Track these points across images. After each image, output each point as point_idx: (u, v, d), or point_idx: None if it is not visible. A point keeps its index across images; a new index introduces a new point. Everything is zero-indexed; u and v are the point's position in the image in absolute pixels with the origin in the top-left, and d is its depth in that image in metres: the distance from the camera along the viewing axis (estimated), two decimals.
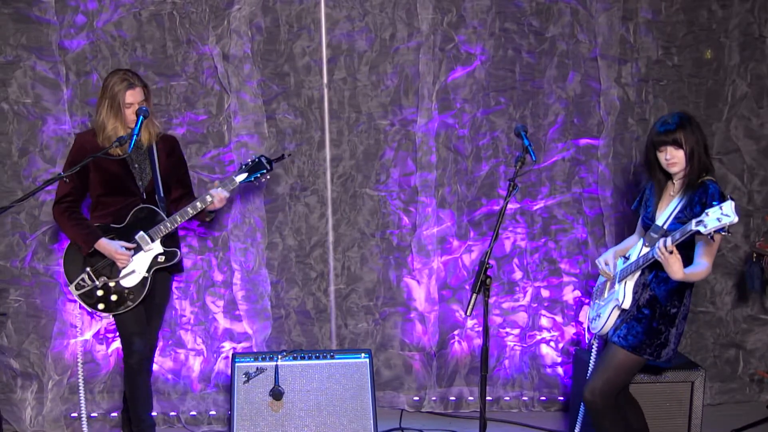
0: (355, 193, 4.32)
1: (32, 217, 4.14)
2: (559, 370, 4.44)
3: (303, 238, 4.32)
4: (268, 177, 3.73)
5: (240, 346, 4.30)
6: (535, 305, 4.42)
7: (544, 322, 4.44)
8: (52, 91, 4.08)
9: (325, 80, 4.21)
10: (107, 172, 3.53)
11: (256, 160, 3.70)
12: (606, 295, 3.39)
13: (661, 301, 3.19)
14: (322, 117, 4.23)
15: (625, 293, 3.21)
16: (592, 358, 3.76)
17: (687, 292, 3.23)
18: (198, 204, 3.60)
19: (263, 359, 3.86)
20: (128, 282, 3.57)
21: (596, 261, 3.49)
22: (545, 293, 4.42)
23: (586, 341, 3.76)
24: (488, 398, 4.40)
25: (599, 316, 3.37)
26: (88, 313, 4.20)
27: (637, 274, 3.22)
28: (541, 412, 4.42)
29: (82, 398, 3.88)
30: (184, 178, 3.83)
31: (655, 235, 3.16)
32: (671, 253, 2.96)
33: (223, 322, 4.31)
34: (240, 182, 3.67)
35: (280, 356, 3.87)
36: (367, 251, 4.35)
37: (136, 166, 3.59)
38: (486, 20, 4.21)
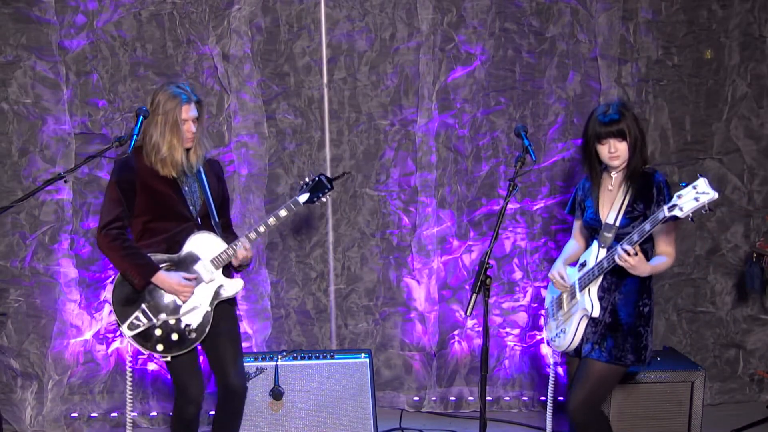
0: (355, 193, 4.32)
1: (32, 217, 4.13)
2: (559, 370, 4.43)
3: (303, 238, 4.32)
4: (329, 197, 3.38)
5: None
6: (535, 305, 4.42)
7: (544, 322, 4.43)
8: (52, 91, 4.08)
9: (325, 80, 4.21)
10: (157, 194, 3.17)
11: (317, 179, 3.33)
12: (566, 308, 3.23)
13: (632, 302, 3.08)
14: (322, 117, 4.23)
15: (591, 301, 3.07)
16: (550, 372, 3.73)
17: (651, 284, 3.13)
18: (261, 228, 3.28)
19: (263, 359, 3.86)
20: (191, 319, 3.19)
21: (549, 275, 3.29)
22: (545, 293, 4.42)
23: (551, 360, 3.60)
24: (488, 398, 4.40)
25: (564, 332, 3.20)
26: (90, 315, 4.21)
27: (599, 279, 3.08)
28: (541, 412, 4.40)
29: (128, 400, 3.69)
30: (226, 207, 3.50)
31: (609, 235, 3.06)
32: (636, 254, 2.87)
33: None
34: (304, 203, 3.34)
35: (280, 356, 3.87)
36: (367, 251, 4.36)
37: (187, 188, 3.24)
38: (486, 20, 4.21)
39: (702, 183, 2.69)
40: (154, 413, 4.26)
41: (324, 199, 3.35)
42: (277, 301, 4.34)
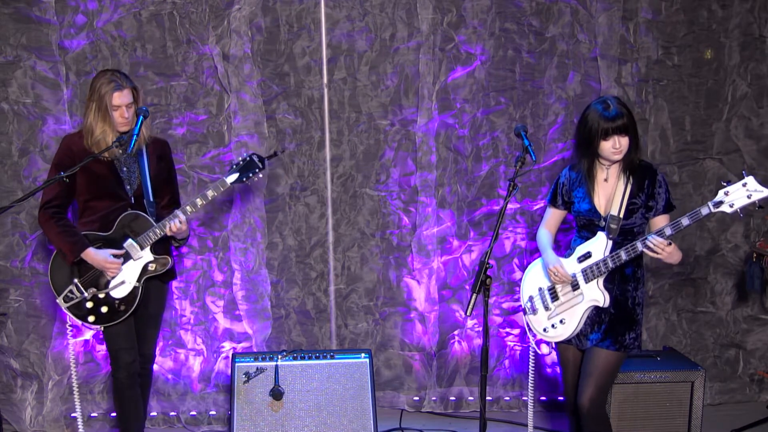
0: (355, 193, 4.32)
1: (32, 217, 4.13)
2: (559, 370, 4.43)
3: (303, 238, 4.32)
4: (261, 176, 3.50)
5: (240, 346, 4.30)
6: None
7: None
8: (52, 91, 4.08)
9: (325, 80, 4.21)
10: (94, 174, 3.38)
11: (248, 158, 3.48)
12: (564, 298, 3.25)
13: (630, 289, 3.17)
14: (322, 117, 4.24)
15: (602, 292, 3.14)
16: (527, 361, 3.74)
17: (639, 268, 3.21)
18: (188, 208, 3.42)
19: (263, 359, 3.86)
20: (118, 293, 3.41)
21: (550, 268, 3.25)
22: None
23: (539, 351, 3.60)
24: (488, 398, 4.40)
25: (563, 323, 3.24)
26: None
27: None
28: (541, 412, 4.41)
29: (76, 399, 3.81)
30: (172, 184, 3.67)
31: (615, 226, 3.12)
32: (670, 243, 2.96)
33: (223, 322, 4.31)
34: (231, 183, 3.46)
35: (280, 356, 3.87)
36: (367, 251, 4.35)
37: (125, 169, 3.44)
38: (486, 20, 4.21)
39: (752, 181, 2.81)
40: (154, 413, 4.26)
41: (255, 179, 3.51)
42: (277, 301, 4.34)
